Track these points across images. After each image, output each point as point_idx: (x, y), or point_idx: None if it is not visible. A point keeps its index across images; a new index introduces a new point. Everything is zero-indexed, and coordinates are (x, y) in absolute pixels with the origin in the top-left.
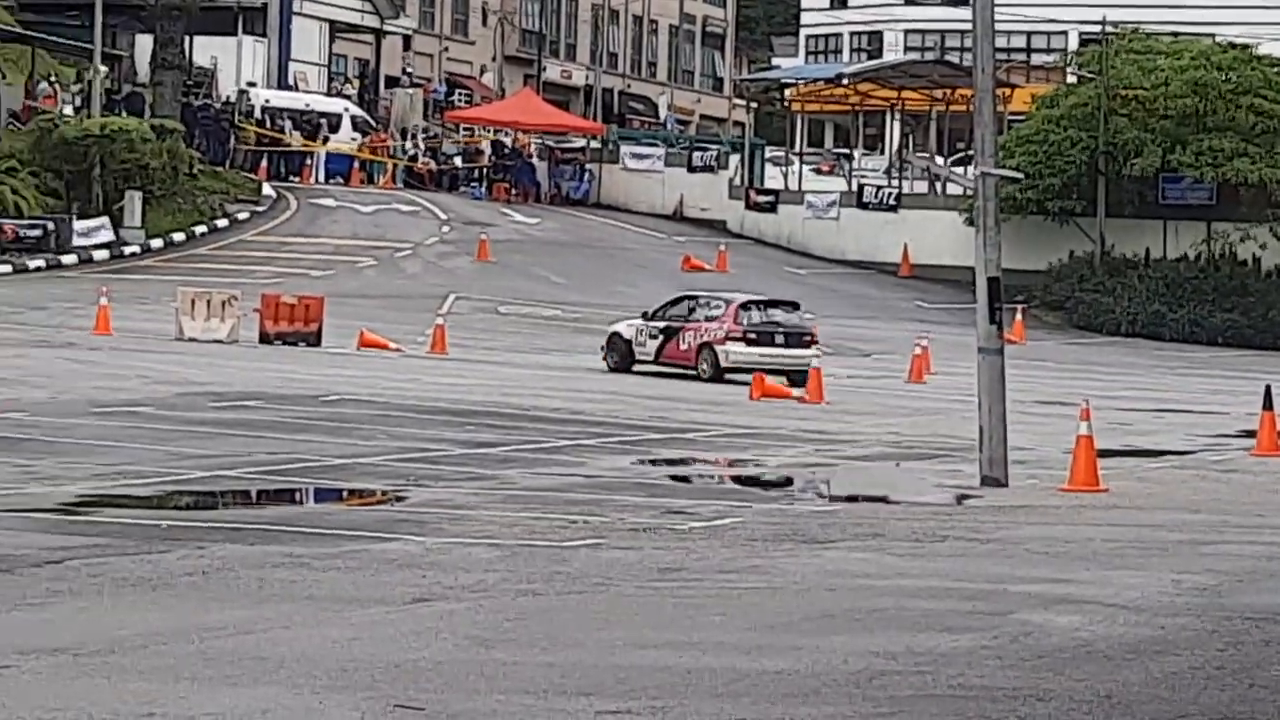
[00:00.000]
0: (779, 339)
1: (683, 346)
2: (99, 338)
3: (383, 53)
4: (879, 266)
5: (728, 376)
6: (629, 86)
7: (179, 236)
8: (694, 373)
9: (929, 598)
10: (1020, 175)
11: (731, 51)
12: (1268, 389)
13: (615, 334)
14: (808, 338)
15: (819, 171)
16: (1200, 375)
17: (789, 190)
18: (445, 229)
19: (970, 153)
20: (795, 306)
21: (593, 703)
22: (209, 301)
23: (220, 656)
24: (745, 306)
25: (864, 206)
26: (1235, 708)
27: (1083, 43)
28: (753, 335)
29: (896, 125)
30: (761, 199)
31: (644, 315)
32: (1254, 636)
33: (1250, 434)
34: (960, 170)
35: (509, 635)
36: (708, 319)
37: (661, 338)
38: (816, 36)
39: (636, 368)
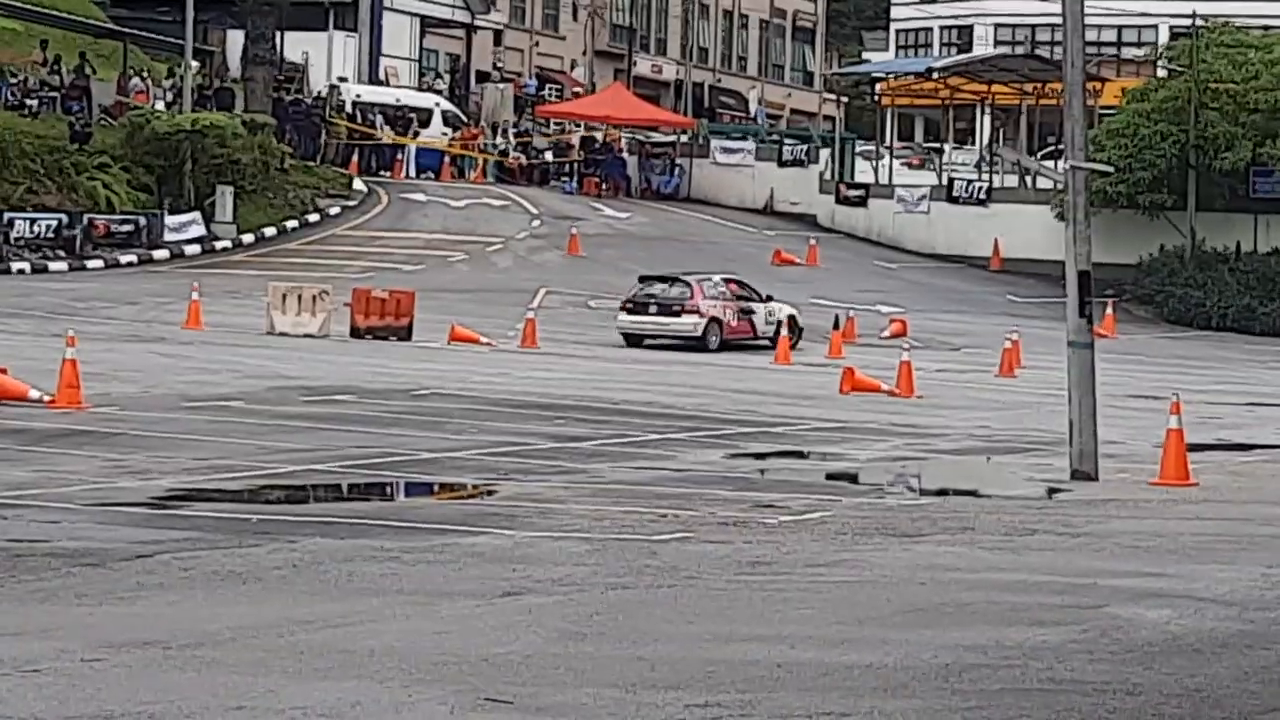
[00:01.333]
0: (652, 309)
1: None
2: (190, 332)
3: (473, 48)
4: (969, 260)
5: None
6: (719, 81)
7: (270, 231)
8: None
9: (1018, 591)
10: (1111, 169)
11: (822, 46)
12: None
13: None
14: (677, 308)
15: (909, 165)
16: None
17: (879, 184)
18: (536, 223)
19: (1060, 146)
20: (677, 282)
21: (681, 696)
22: (300, 296)
23: (310, 650)
24: (640, 280)
25: (954, 200)
26: None
27: (1173, 36)
28: (630, 305)
29: (987, 119)
30: (852, 193)
31: None
32: None
33: None
34: (1050, 164)
35: (597, 629)
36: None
37: None
38: (906, 30)
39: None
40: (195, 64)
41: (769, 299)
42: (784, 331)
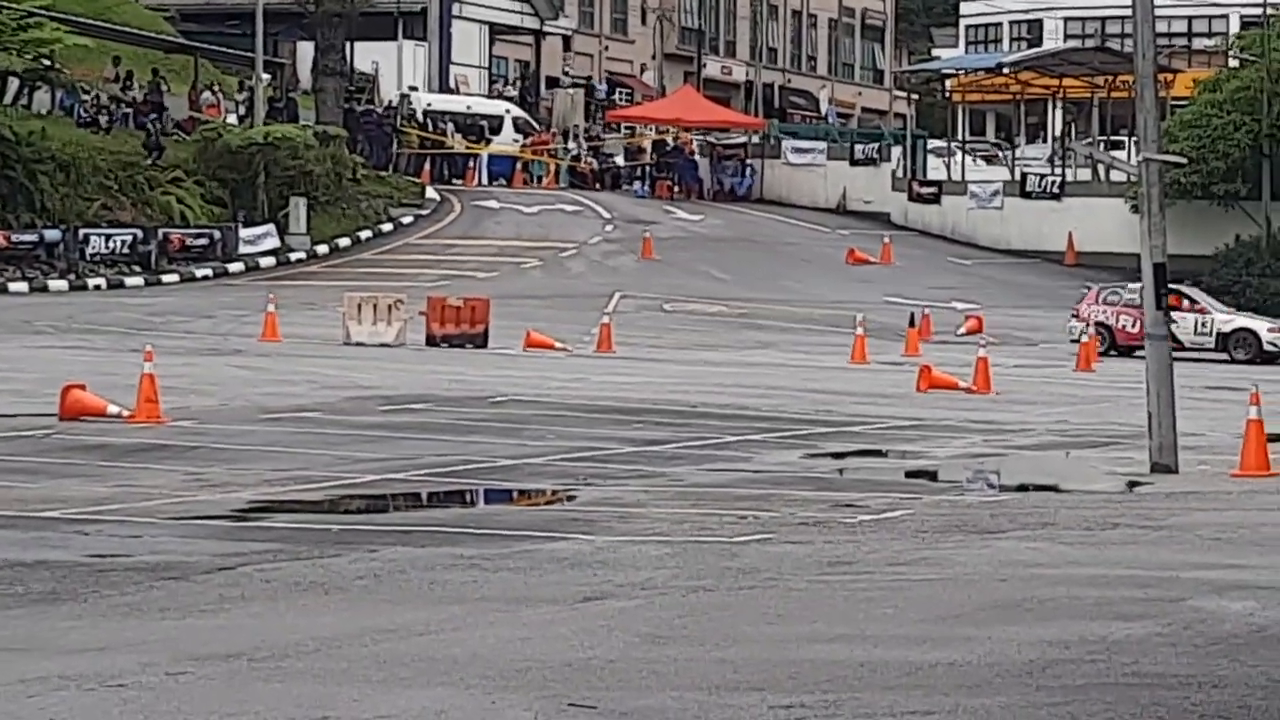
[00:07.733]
0: None
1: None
2: (267, 344)
3: (543, 53)
4: (1044, 255)
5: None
6: (789, 81)
7: (344, 242)
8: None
9: (1101, 586)
10: (1184, 160)
11: (891, 44)
12: None
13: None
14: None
15: (987, 160)
16: None
17: (952, 181)
18: (609, 228)
19: (1133, 139)
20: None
21: (765, 698)
22: (375, 306)
23: (394, 659)
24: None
25: (1027, 195)
26: None
27: (1244, 26)
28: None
29: (1058, 113)
30: (925, 190)
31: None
32: None
33: None
34: (1123, 156)
35: (680, 632)
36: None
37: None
38: (976, 26)
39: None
40: (266, 77)
41: None
42: None
